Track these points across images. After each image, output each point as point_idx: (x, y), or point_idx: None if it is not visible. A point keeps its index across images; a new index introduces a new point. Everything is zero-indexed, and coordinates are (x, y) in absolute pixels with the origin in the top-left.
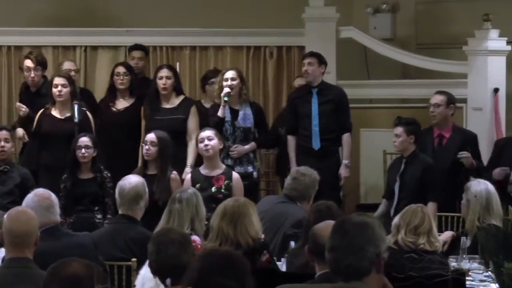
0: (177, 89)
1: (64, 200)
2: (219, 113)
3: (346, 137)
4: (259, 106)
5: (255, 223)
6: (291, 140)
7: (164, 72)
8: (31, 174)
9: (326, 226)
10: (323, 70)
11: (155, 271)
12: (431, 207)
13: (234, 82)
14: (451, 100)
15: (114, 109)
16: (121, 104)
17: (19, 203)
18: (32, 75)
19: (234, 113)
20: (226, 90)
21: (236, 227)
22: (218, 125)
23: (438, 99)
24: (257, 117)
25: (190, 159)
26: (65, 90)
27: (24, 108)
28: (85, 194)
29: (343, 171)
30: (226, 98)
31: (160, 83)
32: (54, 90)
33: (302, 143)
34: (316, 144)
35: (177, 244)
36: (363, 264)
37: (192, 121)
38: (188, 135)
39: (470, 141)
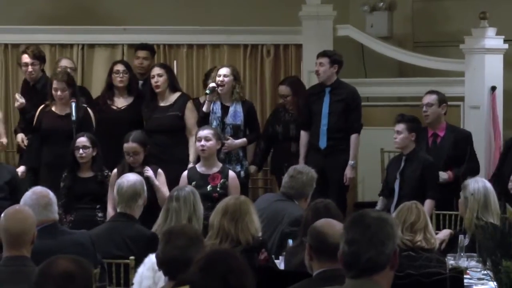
0: (171, 86)
1: (64, 198)
2: (204, 108)
3: (354, 138)
4: (251, 105)
5: (255, 221)
6: (303, 136)
7: (155, 71)
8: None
9: (330, 224)
10: (335, 69)
11: (160, 263)
12: (429, 204)
13: (225, 79)
14: (443, 99)
15: (114, 107)
16: (121, 102)
17: (9, 200)
18: (30, 69)
19: (225, 110)
20: (211, 84)
21: (238, 224)
22: (203, 120)
23: (430, 98)
24: (248, 115)
25: (192, 156)
26: (64, 93)
27: (20, 100)
28: (85, 193)
29: (348, 172)
30: (208, 91)
31: (152, 81)
32: (54, 93)
33: (312, 140)
34: (322, 143)
35: (187, 238)
36: (382, 259)
37: (190, 117)
38: (188, 131)
39: (462, 139)
